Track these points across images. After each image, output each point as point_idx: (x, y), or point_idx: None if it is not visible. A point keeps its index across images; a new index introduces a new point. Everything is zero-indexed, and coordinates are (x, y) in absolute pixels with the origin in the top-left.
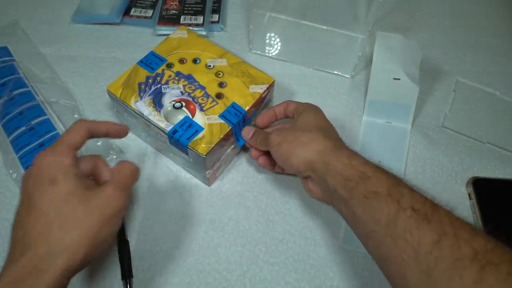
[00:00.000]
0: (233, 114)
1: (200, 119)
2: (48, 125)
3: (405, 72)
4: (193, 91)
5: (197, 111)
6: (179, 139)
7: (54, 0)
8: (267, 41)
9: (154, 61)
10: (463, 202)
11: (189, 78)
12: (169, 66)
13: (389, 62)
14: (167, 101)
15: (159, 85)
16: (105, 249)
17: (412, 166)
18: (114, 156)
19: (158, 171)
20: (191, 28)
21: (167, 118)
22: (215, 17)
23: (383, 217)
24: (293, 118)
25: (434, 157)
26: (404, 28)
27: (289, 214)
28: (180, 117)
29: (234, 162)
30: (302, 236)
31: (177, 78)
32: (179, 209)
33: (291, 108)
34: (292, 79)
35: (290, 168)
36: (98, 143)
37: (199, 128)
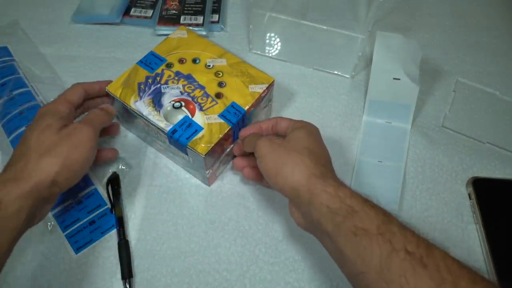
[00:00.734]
0: (233, 114)
1: (200, 119)
2: None
3: (405, 72)
4: (193, 91)
5: (197, 111)
6: (179, 139)
7: (54, 0)
8: (267, 41)
9: (154, 61)
10: (463, 202)
11: (189, 78)
12: (169, 66)
13: (389, 62)
14: (167, 101)
15: (159, 85)
16: (78, 174)
17: (412, 166)
18: None
19: (158, 171)
20: (191, 28)
21: (167, 118)
22: (215, 17)
23: (375, 259)
24: (284, 136)
25: (434, 157)
26: (404, 28)
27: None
28: (180, 117)
29: None
30: (302, 236)
31: (177, 78)
32: (179, 209)
33: (283, 126)
34: (292, 79)
35: (275, 187)
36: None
37: (199, 128)
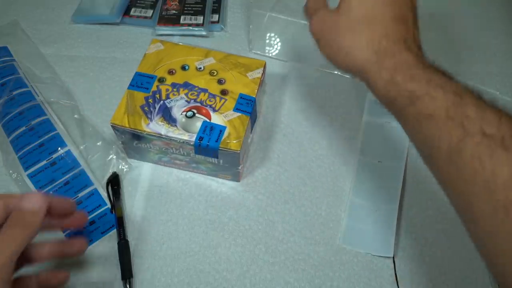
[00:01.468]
0: (245, 104)
1: (218, 119)
2: (48, 125)
3: None
4: (197, 96)
5: (212, 113)
6: (208, 145)
7: (54, 0)
8: (267, 41)
9: (145, 81)
10: None
11: (187, 86)
12: (162, 81)
13: None
14: (178, 114)
15: (162, 101)
16: None
17: (413, 166)
18: (114, 156)
19: (158, 171)
20: (162, 39)
21: (186, 129)
22: (215, 17)
23: (443, 145)
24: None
25: None
26: None
27: (289, 214)
28: (198, 124)
29: None
30: (302, 236)
31: (176, 89)
32: (179, 209)
33: None
34: (292, 79)
35: (337, 67)
36: (98, 143)
37: (222, 128)
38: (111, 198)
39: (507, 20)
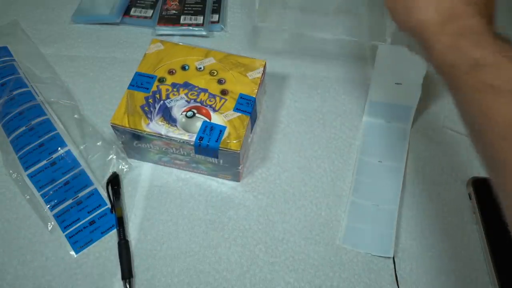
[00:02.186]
0: (245, 104)
1: (218, 119)
2: (48, 125)
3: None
4: (198, 96)
5: (212, 113)
6: (208, 145)
7: (54, 0)
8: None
9: (145, 81)
10: (463, 202)
11: (187, 86)
12: (162, 81)
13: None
14: (178, 114)
15: (162, 101)
16: None
17: (412, 166)
18: (114, 156)
19: (158, 171)
20: (162, 39)
21: (186, 129)
22: (215, 17)
23: (500, 119)
24: None
25: (434, 157)
26: None
27: (289, 214)
28: (199, 124)
29: None
30: (302, 236)
31: (176, 89)
32: (179, 209)
33: None
34: (292, 79)
35: (397, 25)
36: (98, 143)
37: (222, 128)
38: (111, 198)
39: (507, 20)
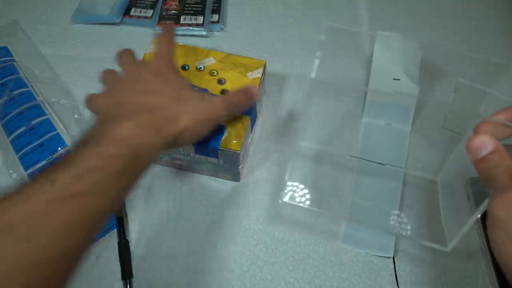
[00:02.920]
0: None
1: None
2: (48, 125)
3: (405, 73)
4: None
5: None
6: (208, 145)
7: (54, 0)
8: None
9: None
10: (463, 202)
11: None
12: None
13: (389, 63)
14: None
15: None
16: (192, 139)
17: (413, 166)
18: None
19: (159, 171)
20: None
21: None
22: (215, 17)
23: None
24: None
25: (434, 158)
26: (404, 28)
27: (289, 214)
28: None
29: None
30: (302, 236)
31: None
32: (179, 209)
33: None
34: (292, 79)
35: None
36: None
37: (221, 128)
38: None
39: (507, 20)
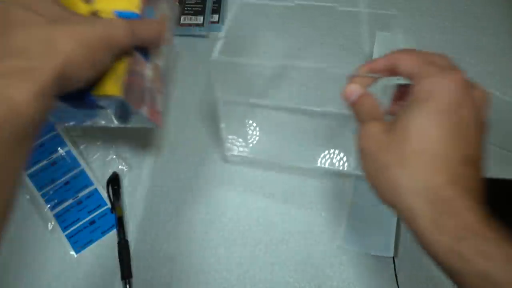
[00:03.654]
0: None
1: None
2: (48, 125)
3: None
4: None
5: None
6: (76, 96)
7: None
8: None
9: None
10: None
11: None
12: None
13: None
14: None
15: None
16: (92, 73)
17: None
18: (114, 156)
19: (158, 171)
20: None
21: None
22: (215, 17)
23: None
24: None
25: None
26: (404, 28)
27: (289, 214)
28: None
29: (235, 162)
30: (302, 236)
31: None
32: (179, 209)
33: (406, 70)
34: (290, 78)
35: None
36: (98, 143)
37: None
38: (111, 198)
39: (507, 20)
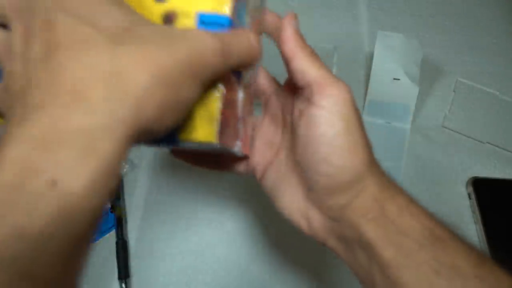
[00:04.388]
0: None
1: None
2: None
3: (405, 72)
4: None
5: None
6: (162, 141)
7: None
8: None
9: None
10: (463, 202)
11: None
12: None
13: (390, 62)
14: None
15: None
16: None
17: (412, 166)
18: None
19: (158, 171)
20: None
21: None
22: None
23: None
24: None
25: (434, 157)
26: (404, 28)
27: None
28: None
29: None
30: (302, 236)
31: None
32: (178, 209)
33: (304, 79)
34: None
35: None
36: None
37: None
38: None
39: (507, 20)
